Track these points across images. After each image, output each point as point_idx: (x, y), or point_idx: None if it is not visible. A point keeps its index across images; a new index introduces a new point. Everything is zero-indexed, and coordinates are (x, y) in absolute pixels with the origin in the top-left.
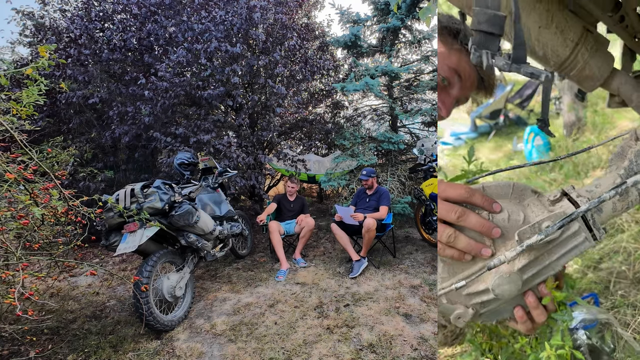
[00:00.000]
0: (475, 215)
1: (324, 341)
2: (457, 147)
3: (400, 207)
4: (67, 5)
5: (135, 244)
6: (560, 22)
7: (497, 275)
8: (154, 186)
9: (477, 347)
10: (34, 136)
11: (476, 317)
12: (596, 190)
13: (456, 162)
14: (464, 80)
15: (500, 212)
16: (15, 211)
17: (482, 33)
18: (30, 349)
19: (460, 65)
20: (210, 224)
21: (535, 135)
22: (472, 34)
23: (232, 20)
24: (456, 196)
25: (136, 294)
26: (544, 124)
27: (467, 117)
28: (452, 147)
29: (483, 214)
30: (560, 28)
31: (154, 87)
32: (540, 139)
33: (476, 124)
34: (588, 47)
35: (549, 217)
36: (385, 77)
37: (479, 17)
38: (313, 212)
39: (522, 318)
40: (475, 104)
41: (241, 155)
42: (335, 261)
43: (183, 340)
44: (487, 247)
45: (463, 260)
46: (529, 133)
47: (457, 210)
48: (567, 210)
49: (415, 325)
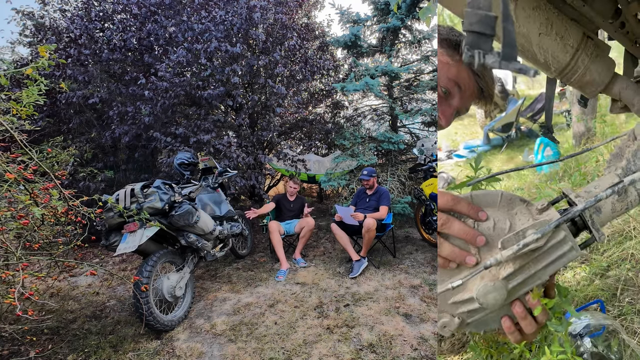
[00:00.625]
0: (460, 222)
1: (324, 341)
2: (471, 159)
3: (400, 207)
4: (67, 5)
5: (135, 244)
6: (560, 28)
7: (482, 283)
8: (154, 186)
9: (479, 354)
10: (34, 136)
11: (463, 327)
12: (594, 191)
13: (470, 173)
14: (463, 90)
15: (486, 221)
16: (15, 211)
17: (474, 34)
18: (30, 349)
19: (460, 76)
20: (210, 224)
21: (545, 146)
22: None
23: (232, 20)
24: (442, 204)
25: (136, 294)
26: (547, 131)
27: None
28: (465, 160)
29: (468, 222)
30: (560, 34)
31: (154, 87)
32: (550, 150)
33: (489, 136)
34: (588, 53)
35: (533, 225)
36: (385, 77)
37: (470, 18)
38: (313, 212)
39: (509, 329)
40: (488, 118)
41: (241, 155)
42: (335, 261)
43: (183, 340)
44: (472, 255)
45: (448, 268)
46: (539, 144)
47: (440, 218)
48: (552, 218)
49: (415, 325)
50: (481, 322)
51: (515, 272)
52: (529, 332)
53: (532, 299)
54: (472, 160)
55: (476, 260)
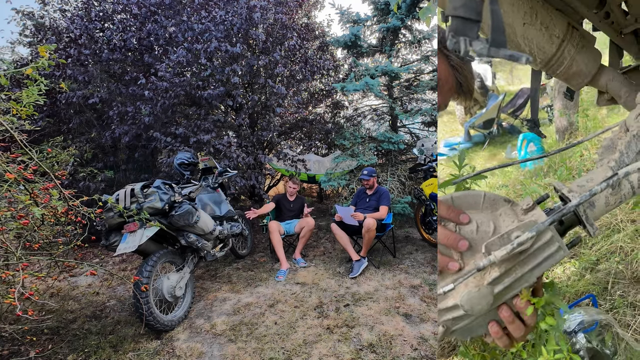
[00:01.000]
0: (440, 227)
1: (324, 341)
2: (452, 157)
3: (400, 207)
4: (67, 5)
5: (135, 244)
6: (544, 18)
7: (466, 290)
8: (154, 186)
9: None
10: (34, 136)
11: (448, 334)
12: (587, 185)
13: (453, 171)
14: (440, 86)
15: (469, 224)
16: (15, 211)
17: (458, 19)
18: (30, 349)
19: (440, 71)
20: (210, 224)
21: (529, 141)
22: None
23: (232, 20)
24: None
25: (136, 294)
26: (533, 125)
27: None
28: (446, 158)
29: (449, 226)
30: (545, 24)
31: (154, 87)
32: (534, 145)
33: (470, 133)
34: (574, 44)
35: (519, 227)
36: (385, 77)
37: (454, 2)
38: (313, 212)
39: (497, 334)
40: (468, 115)
41: (241, 155)
42: (335, 261)
43: (183, 340)
44: (454, 261)
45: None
46: (522, 140)
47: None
48: (539, 219)
49: (415, 325)
50: (467, 329)
51: (501, 276)
52: (517, 335)
53: (522, 300)
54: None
55: (459, 265)
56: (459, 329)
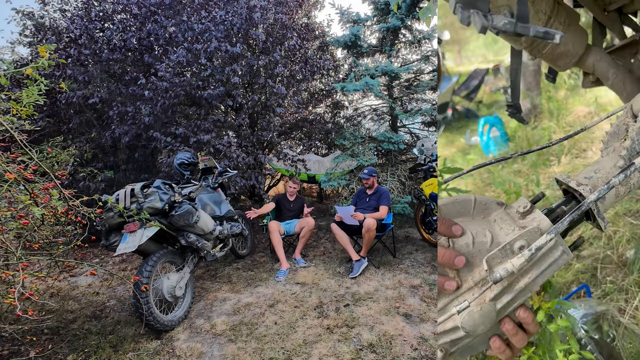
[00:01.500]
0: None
1: (324, 341)
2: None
3: (400, 207)
4: (67, 5)
5: (135, 244)
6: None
7: (466, 311)
8: (154, 186)
9: None
10: (34, 136)
11: (446, 358)
12: (596, 176)
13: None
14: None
15: (463, 236)
16: (15, 211)
17: None
18: (30, 349)
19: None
20: (210, 224)
21: (491, 126)
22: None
23: (232, 20)
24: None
25: (136, 294)
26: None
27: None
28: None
29: (441, 241)
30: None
31: (154, 87)
32: (497, 130)
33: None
34: (561, 21)
35: (522, 236)
36: (385, 77)
37: None
38: (313, 212)
39: (500, 349)
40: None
41: (241, 155)
42: (335, 261)
43: (183, 340)
44: (451, 280)
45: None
46: (484, 125)
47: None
48: (541, 223)
49: (415, 325)
50: (467, 348)
51: (503, 291)
52: (520, 346)
53: (534, 305)
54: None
55: (456, 284)
56: (458, 350)
